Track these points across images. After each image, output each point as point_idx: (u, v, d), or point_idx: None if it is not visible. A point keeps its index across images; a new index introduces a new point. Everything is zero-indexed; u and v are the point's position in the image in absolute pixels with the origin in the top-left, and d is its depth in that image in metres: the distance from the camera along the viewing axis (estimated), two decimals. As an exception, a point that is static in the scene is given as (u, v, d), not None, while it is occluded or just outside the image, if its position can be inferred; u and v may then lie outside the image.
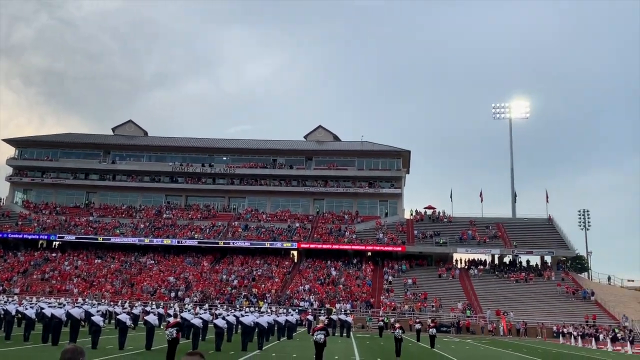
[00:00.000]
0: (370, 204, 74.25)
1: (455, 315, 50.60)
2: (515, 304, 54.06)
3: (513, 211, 72.34)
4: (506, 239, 64.95)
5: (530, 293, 56.92)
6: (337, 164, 74.63)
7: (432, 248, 64.58)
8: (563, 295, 56.51)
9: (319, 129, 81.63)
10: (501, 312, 51.04)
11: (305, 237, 66.29)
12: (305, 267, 63.74)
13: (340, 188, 73.48)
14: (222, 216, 72.65)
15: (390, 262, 64.02)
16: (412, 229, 68.25)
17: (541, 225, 68.15)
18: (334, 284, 58.52)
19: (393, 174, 73.26)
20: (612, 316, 51.02)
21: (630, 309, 53.73)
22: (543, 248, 63.53)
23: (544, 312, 52.24)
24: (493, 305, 53.33)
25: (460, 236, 65.43)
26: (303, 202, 75.21)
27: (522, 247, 63.38)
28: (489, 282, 60.14)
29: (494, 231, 66.66)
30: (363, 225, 68.96)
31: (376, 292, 56.95)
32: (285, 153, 76.51)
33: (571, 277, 61.85)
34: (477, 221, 69.20)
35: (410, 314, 49.89)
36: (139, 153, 77.99)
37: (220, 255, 66.54)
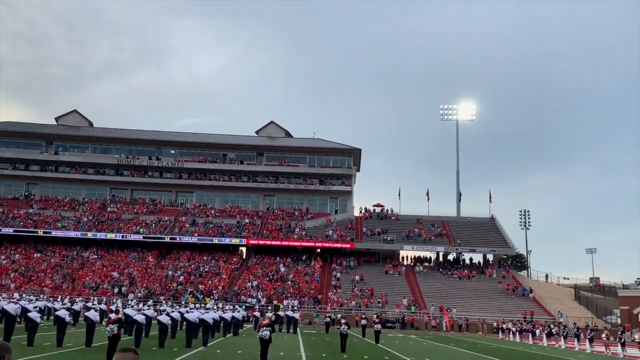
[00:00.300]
0: (320, 201, 74.65)
1: (401, 311, 51.61)
2: (458, 301, 55.63)
3: (458, 210, 74.37)
4: (451, 237, 66.72)
5: (472, 290, 58.72)
6: (289, 160, 74.61)
7: (380, 245, 65.59)
8: (503, 292, 58.57)
9: (271, 124, 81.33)
10: (444, 308, 52.43)
11: (255, 233, 65.98)
12: (253, 263, 63.46)
13: (291, 184, 73.48)
14: (169, 211, 71.33)
15: (339, 259, 64.60)
16: (361, 226, 69.10)
17: (484, 225, 70.36)
18: (282, 280, 58.54)
19: (344, 172, 73.89)
20: (548, 312, 53.28)
21: (565, 306, 56.30)
22: (485, 246, 65.63)
23: (485, 309, 54.01)
24: (437, 301, 54.71)
25: (407, 234, 66.73)
26: (253, 198, 74.80)
27: (466, 245, 65.28)
28: (434, 279, 61.65)
29: (439, 229, 68.32)
30: (313, 222, 69.25)
31: (324, 289, 57.36)
32: (235, 148, 75.83)
33: (511, 275, 64.20)
34: (423, 219, 70.75)
35: (357, 310, 50.52)
36: (83, 144, 75.50)
37: (167, 251, 65.33)
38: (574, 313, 53.38)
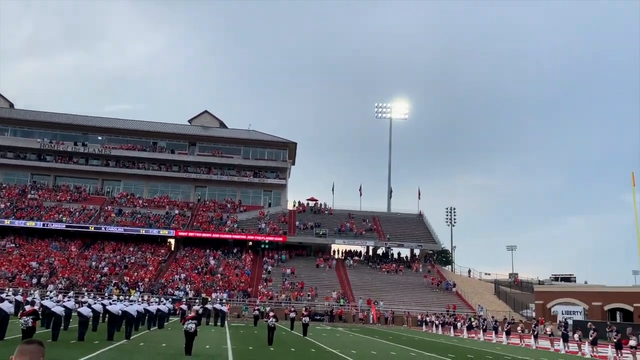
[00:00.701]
0: (254, 194, 74.15)
1: (329, 304, 52.24)
2: (386, 294, 56.98)
3: (388, 206, 76.06)
4: (380, 232, 68.17)
5: (399, 284, 60.33)
6: (222, 151, 73.53)
7: (312, 239, 66.01)
8: (428, 286, 60.55)
9: (205, 114, 79.80)
10: (372, 301, 53.55)
11: (184, 225, 64.64)
12: (182, 255, 62.18)
13: (224, 176, 72.51)
14: (94, 199, 68.59)
15: (271, 252, 64.45)
16: (295, 219, 69.26)
17: (412, 220, 72.38)
18: (211, 273, 57.72)
19: (279, 165, 73.70)
20: (469, 306, 55.59)
21: (486, 300, 58.96)
22: (413, 242, 67.56)
23: (411, 302, 55.63)
24: (365, 294, 55.78)
25: (339, 228, 67.57)
26: (184, 189, 73.23)
27: (395, 240, 66.94)
28: (363, 273, 62.81)
29: (370, 224, 69.64)
30: (245, 215, 68.69)
31: (255, 282, 57.10)
32: (167, 136, 73.88)
33: (436, 270, 66.47)
34: (355, 214, 71.86)
35: (286, 303, 50.65)
36: (2, 126, 71.08)
37: (91, 241, 62.78)
38: (494, 307, 55.99)
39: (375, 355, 21.60)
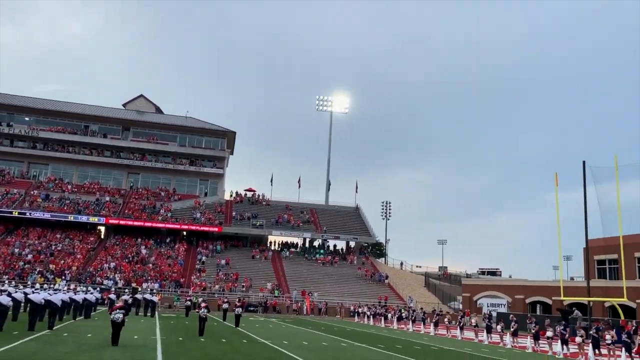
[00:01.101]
0: (189, 182, 72.77)
1: (264, 295, 52.16)
2: (320, 285, 57.54)
3: (326, 198, 76.64)
4: (317, 224, 68.67)
5: (334, 275, 61.07)
6: (158, 137, 71.62)
7: (248, 230, 65.57)
8: (362, 277, 61.64)
9: (141, 98, 77.41)
10: (306, 292, 53.94)
11: (115, 212, 62.58)
12: (112, 243, 60.21)
13: (159, 163, 70.74)
14: (19, 183, 65.19)
15: (205, 242, 63.55)
16: (231, 210, 68.56)
17: (349, 213, 73.35)
18: (142, 262, 56.23)
19: (216, 154, 72.63)
20: (400, 298, 57.06)
21: (416, 292, 60.71)
22: (349, 234, 68.53)
23: (345, 293, 56.46)
24: (300, 286, 56.10)
25: (277, 219, 67.49)
26: (116, 175, 70.87)
27: (331, 233, 67.65)
28: (299, 264, 63.11)
29: (307, 216, 69.98)
30: (180, 204, 67.33)
31: (188, 272, 56.14)
32: (99, 120, 71.14)
33: (370, 262, 67.77)
34: (293, 206, 71.99)
35: (220, 294, 50.14)
36: None
37: (14, 227, 59.64)
38: (423, 299, 57.74)
39: (307, 345, 21.80)
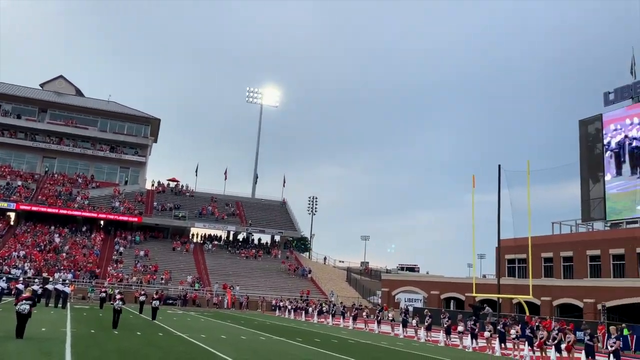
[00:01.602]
0: (109, 170, 70.01)
1: (183, 289, 51.13)
2: (243, 279, 57.15)
3: (253, 192, 76.11)
4: (243, 217, 68.10)
5: (257, 269, 60.83)
6: (77, 121, 68.29)
7: (170, 221, 63.95)
8: (286, 272, 61.83)
9: (60, 79, 73.47)
10: (228, 286, 53.41)
11: (27, 197, 59.11)
12: (23, 231, 56.84)
13: (77, 148, 67.49)
14: None
15: (124, 233, 61.38)
16: (152, 200, 66.59)
17: (276, 207, 73.27)
18: (55, 251, 53.50)
19: (139, 141, 70.25)
20: (322, 292, 57.76)
21: (338, 286, 61.67)
22: (274, 228, 68.48)
23: (268, 287, 56.41)
24: (222, 279, 55.45)
25: (200, 211, 66.27)
26: (29, 159, 66.92)
27: (256, 226, 67.34)
28: (221, 258, 62.34)
29: (232, 209, 69.23)
30: (98, 192, 64.61)
31: (104, 263, 54.01)
32: (13, 99, 66.83)
33: (294, 256, 68.08)
34: (218, 198, 70.97)
35: (137, 286, 48.63)
36: None
37: None
38: (345, 293, 58.79)
39: (225, 339, 21.61)
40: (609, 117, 48.53)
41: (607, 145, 48.23)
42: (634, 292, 35.28)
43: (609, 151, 48.02)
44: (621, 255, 42.95)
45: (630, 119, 46.56)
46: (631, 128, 46.34)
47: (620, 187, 46.71)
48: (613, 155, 47.70)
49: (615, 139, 47.68)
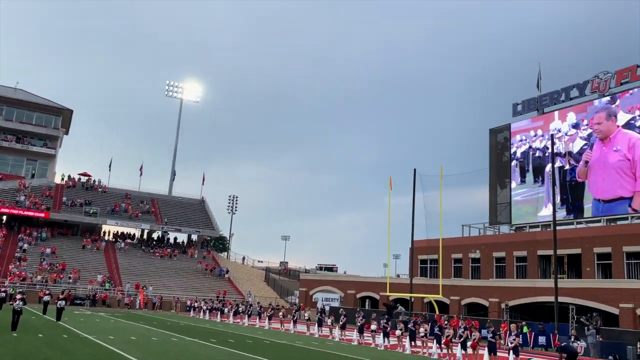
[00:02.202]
0: (15, 162, 65.65)
1: (93, 288, 48.83)
2: (157, 279, 55.45)
3: (170, 189, 74.05)
4: (158, 215, 66.10)
5: (172, 269, 59.23)
6: (-22, 109, 63.43)
7: (80, 217, 60.86)
8: (202, 272, 60.63)
9: (-40, 63, 67.90)
10: (140, 285, 51.62)
11: None
12: None
13: (-22, 137, 62.69)
14: None
15: (29, 229, 57.69)
16: (62, 195, 63.11)
17: (194, 206, 71.71)
18: (-51, 248, 49.38)
19: (49, 132, 66.37)
20: (239, 292, 57.19)
21: (256, 287, 61.32)
22: (192, 227, 66.98)
23: (183, 287, 55.06)
24: (135, 279, 53.50)
25: (113, 208, 63.61)
26: None
27: (173, 225, 65.57)
28: (135, 256, 60.14)
29: (147, 206, 67.01)
30: (2, 184, 60.41)
31: (5, 261, 50.47)
32: None
33: (212, 256, 66.93)
34: (133, 194, 68.45)
35: (42, 285, 45.85)
36: None
37: None
38: (262, 293, 58.55)
39: (135, 340, 20.88)
40: (516, 128, 51.61)
41: (513, 154, 51.28)
42: (534, 292, 37.73)
43: (515, 160, 51.08)
44: (524, 257, 45.80)
45: (535, 131, 49.79)
46: (535, 139, 49.56)
47: (524, 195, 49.82)
48: (518, 164, 50.80)
49: (521, 149, 50.81)
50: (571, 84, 46.92)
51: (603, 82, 44.23)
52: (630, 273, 38.45)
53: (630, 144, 41.35)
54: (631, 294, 32.74)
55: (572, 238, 42.19)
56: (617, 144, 42.40)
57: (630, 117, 41.92)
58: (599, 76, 44.56)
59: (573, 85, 46.75)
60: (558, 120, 47.74)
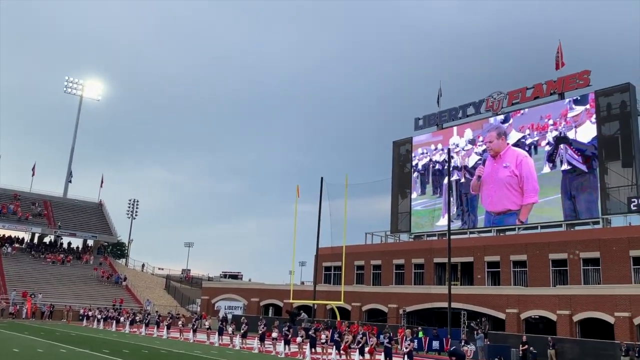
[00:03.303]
0: None
1: (-28, 297, 44.81)
2: (48, 286, 51.96)
3: (65, 191, 69.74)
4: (51, 219, 62.07)
5: (65, 276, 55.76)
6: None
7: (-41, 219, 55.73)
8: (98, 279, 57.55)
9: None
10: (28, 293, 48.05)
11: None
12: None
13: None
14: None
15: None
16: (-62, 194, 57.45)
17: (91, 209, 68.10)
18: None
19: None
20: (138, 301, 54.90)
21: (155, 295, 59.18)
22: (88, 231, 63.55)
23: (76, 295, 51.95)
24: (23, 286, 49.74)
25: (0, 210, 58.87)
26: None
27: (67, 229, 61.86)
28: (23, 262, 55.96)
29: (39, 209, 62.69)
30: None
31: None
32: None
33: (109, 262, 63.78)
34: (23, 196, 63.80)
35: None
36: None
37: None
38: (162, 302, 56.61)
39: (18, 353, 19.38)
40: (418, 141, 53.99)
41: (415, 166, 53.58)
42: (430, 298, 39.52)
43: (416, 172, 53.38)
44: (421, 264, 47.85)
45: (435, 145, 52.36)
46: (435, 153, 52.11)
47: (423, 205, 52.15)
48: (419, 175, 53.14)
49: (422, 161, 53.21)
50: (468, 102, 49.85)
51: (497, 102, 47.45)
52: (516, 280, 41.36)
53: (518, 161, 44.64)
54: (516, 299, 35.23)
55: (466, 247, 44.72)
56: (506, 161, 45.60)
57: (521, 136, 45.26)
58: (493, 96, 47.75)
59: (470, 103, 49.69)
60: (456, 135, 50.53)
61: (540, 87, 44.43)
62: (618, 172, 39.00)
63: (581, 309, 32.01)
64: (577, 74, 42.31)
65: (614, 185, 38.92)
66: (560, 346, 29.81)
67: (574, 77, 42.43)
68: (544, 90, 44.14)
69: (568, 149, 41.91)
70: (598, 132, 40.40)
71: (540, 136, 44.03)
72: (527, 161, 44.11)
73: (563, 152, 42.20)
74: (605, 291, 32.01)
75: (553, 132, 43.23)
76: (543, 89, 44.19)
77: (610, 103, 40.54)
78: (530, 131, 44.72)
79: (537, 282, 39.38)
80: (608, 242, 36.90)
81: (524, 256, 41.11)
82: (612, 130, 40.08)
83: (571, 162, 41.59)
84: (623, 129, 39.42)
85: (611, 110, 40.36)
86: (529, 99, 45.26)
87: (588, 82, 41.45)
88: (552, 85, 43.61)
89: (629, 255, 35.73)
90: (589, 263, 37.93)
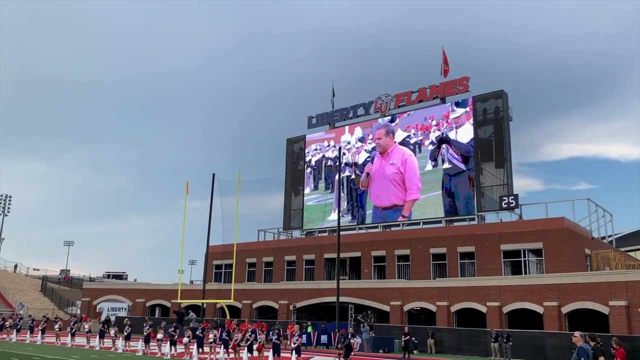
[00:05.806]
0: None
1: None
2: None
3: None
4: None
5: None
6: None
7: None
8: (-39, 282, 52.21)
9: None
10: None
11: None
12: None
13: None
14: None
15: None
16: None
17: (-47, 205, 61.55)
18: None
19: None
20: (9, 304, 50.61)
21: (30, 297, 54.86)
22: (-51, 230, 57.28)
23: None
24: None
25: None
26: None
27: None
28: None
29: None
30: None
31: None
32: None
33: (-25, 264, 58.09)
34: None
35: None
36: None
37: None
38: (38, 305, 52.64)
39: None
40: (311, 138, 54.77)
41: (308, 162, 54.31)
42: (320, 293, 40.27)
43: (309, 168, 54.14)
44: (312, 260, 48.62)
45: (328, 142, 53.43)
46: (328, 149, 53.18)
47: (315, 200, 53.02)
48: (312, 171, 53.96)
49: (315, 157, 54.07)
50: (359, 103, 51.37)
51: (384, 104, 49.38)
52: (400, 274, 43.34)
53: (404, 159, 46.81)
54: (399, 292, 36.93)
55: (354, 242, 46.11)
56: (393, 158, 47.62)
57: (406, 135, 47.47)
58: (382, 98, 49.63)
59: (360, 104, 51.24)
60: (348, 133, 51.91)
61: (424, 91, 46.88)
62: (492, 173, 42.20)
63: (458, 300, 34.25)
64: (457, 80, 45.15)
65: (488, 185, 42.05)
66: (439, 335, 31.76)
67: (454, 83, 45.24)
68: (427, 94, 46.65)
69: (449, 149, 44.63)
70: (475, 135, 43.41)
71: (424, 136, 46.48)
72: (411, 159, 46.37)
73: (445, 151, 44.88)
74: (479, 283, 34.50)
75: (436, 132, 45.83)
76: (427, 93, 46.68)
77: (486, 108, 43.72)
78: (415, 131, 47.05)
79: (419, 275, 41.53)
80: (482, 237, 39.82)
81: (407, 251, 43.19)
82: (487, 133, 43.27)
83: (452, 161, 44.33)
84: (497, 133, 42.69)
85: (487, 114, 43.54)
86: (414, 102, 47.56)
87: (467, 87, 44.40)
88: (435, 90, 46.20)
89: (499, 249, 38.82)
90: (466, 257, 40.71)
